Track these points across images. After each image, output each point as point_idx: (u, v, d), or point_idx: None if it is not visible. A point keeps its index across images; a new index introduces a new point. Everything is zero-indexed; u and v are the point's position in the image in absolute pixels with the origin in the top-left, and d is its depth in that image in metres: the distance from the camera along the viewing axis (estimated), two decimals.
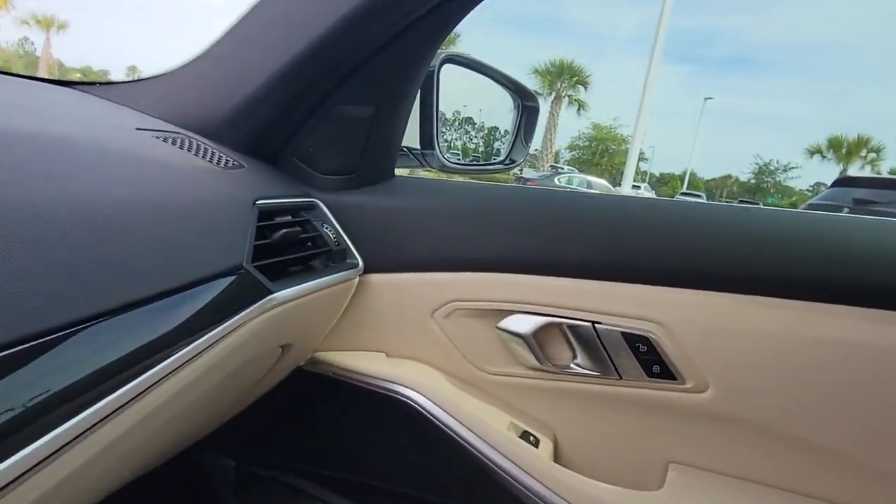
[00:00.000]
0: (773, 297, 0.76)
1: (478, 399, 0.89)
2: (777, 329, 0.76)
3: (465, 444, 0.82)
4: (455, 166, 1.08)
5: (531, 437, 0.86)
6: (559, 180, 18.66)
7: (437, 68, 0.93)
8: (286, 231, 0.69)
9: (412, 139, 0.97)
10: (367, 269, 0.85)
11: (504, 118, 1.24)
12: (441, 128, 1.17)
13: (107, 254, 0.42)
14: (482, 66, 1.08)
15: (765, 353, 0.76)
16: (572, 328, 0.83)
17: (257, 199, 0.68)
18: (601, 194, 0.98)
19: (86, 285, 0.39)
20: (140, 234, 0.47)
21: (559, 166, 29.99)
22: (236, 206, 0.64)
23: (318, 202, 0.82)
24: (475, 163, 1.33)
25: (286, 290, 0.65)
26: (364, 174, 0.88)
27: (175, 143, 0.67)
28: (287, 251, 0.70)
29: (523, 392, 0.90)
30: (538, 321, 0.84)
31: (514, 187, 0.99)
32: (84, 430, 0.36)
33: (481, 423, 0.84)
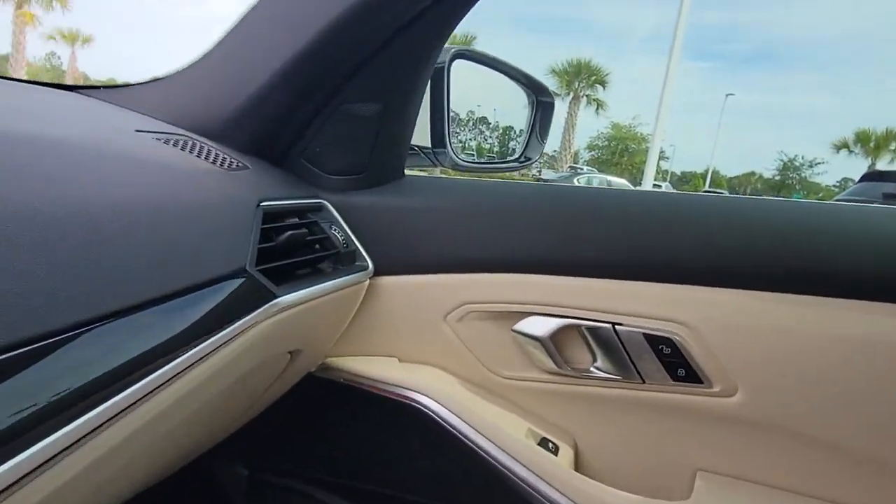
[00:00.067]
0: (803, 294, 0.73)
1: (493, 405, 0.86)
2: (808, 328, 0.72)
3: (481, 452, 0.79)
4: (468, 165, 1.05)
5: (550, 444, 0.83)
6: (578, 181, 18.63)
7: (448, 64, 0.90)
8: (292, 233, 0.67)
9: (423, 138, 0.94)
10: (378, 272, 0.83)
11: (519, 117, 1.21)
12: (455, 128, 1.14)
13: (105, 256, 0.41)
14: (494, 62, 1.05)
15: (796, 354, 0.73)
16: (592, 330, 0.80)
17: (261, 201, 0.66)
18: (619, 189, 0.95)
19: (85, 288, 0.38)
20: (139, 237, 0.46)
21: (578, 167, 29.83)
22: (239, 207, 0.62)
23: (326, 203, 0.80)
24: (489, 161, 1.30)
25: (292, 295, 0.63)
26: (373, 174, 0.85)
27: (177, 145, 0.65)
28: (293, 254, 0.68)
29: (541, 397, 0.87)
30: (555, 323, 0.81)
31: (529, 184, 0.96)
32: (86, 433, 0.36)
33: (497, 429, 0.81)
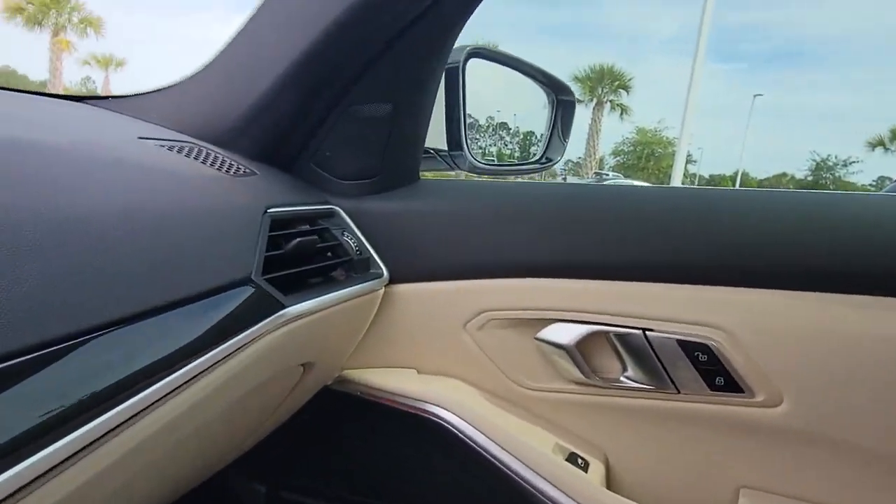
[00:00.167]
0: (853, 294, 0.67)
1: (518, 418, 0.82)
2: (857, 330, 0.68)
3: (505, 469, 0.75)
4: (486, 167, 1.01)
5: (579, 460, 0.78)
6: None
7: (462, 64, 0.88)
8: (300, 240, 0.65)
9: (439, 141, 0.91)
10: (393, 279, 0.80)
11: (540, 121, 1.17)
12: (474, 134, 1.10)
13: (105, 264, 0.40)
14: (512, 60, 1.02)
15: (845, 359, 0.68)
16: (620, 337, 0.75)
17: (269, 207, 0.63)
18: (647, 186, 0.90)
19: (86, 296, 0.38)
20: (139, 244, 0.44)
21: (603, 172, 29.61)
22: (245, 214, 0.60)
23: (338, 209, 0.78)
24: (509, 163, 1.26)
25: (301, 305, 0.60)
26: (386, 178, 0.82)
27: (181, 152, 0.63)
28: (304, 262, 0.66)
29: (568, 409, 0.82)
30: (581, 330, 0.76)
31: (550, 184, 0.92)
32: (87, 443, 0.35)
33: (522, 444, 0.77)
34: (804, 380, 0.69)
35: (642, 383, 0.76)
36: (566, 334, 0.77)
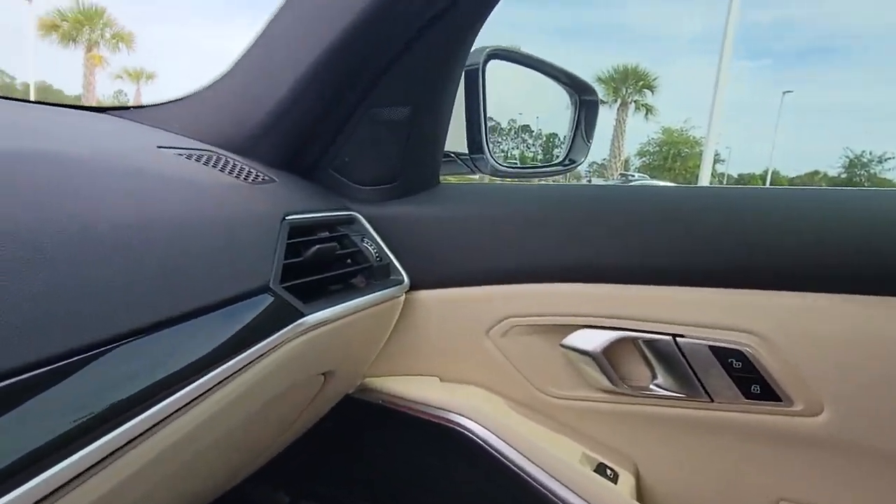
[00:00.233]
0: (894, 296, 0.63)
1: (544, 427, 0.79)
2: None
3: (531, 480, 0.73)
4: (508, 170, 0.99)
5: (608, 471, 0.76)
6: None
7: (482, 65, 0.86)
8: (319, 247, 0.64)
9: (460, 144, 0.89)
10: (414, 286, 0.78)
11: (564, 123, 1.15)
12: (497, 137, 1.09)
13: (121, 275, 0.40)
14: (533, 61, 1.00)
15: (891, 367, 0.64)
16: (649, 343, 0.73)
17: (287, 214, 0.63)
18: (675, 186, 0.87)
19: (102, 306, 0.37)
20: (157, 253, 0.44)
21: (629, 173, 29.27)
22: (263, 221, 0.59)
23: (357, 215, 0.77)
24: (531, 165, 1.24)
25: (321, 313, 0.59)
26: (406, 183, 0.81)
27: (200, 160, 0.63)
28: (323, 269, 0.65)
29: (596, 418, 0.79)
30: (608, 336, 0.74)
31: (574, 186, 0.89)
32: (107, 454, 0.35)
33: (549, 455, 0.74)
34: (846, 387, 0.66)
35: (673, 391, 0.73)
36: (592, 341, 0.75)
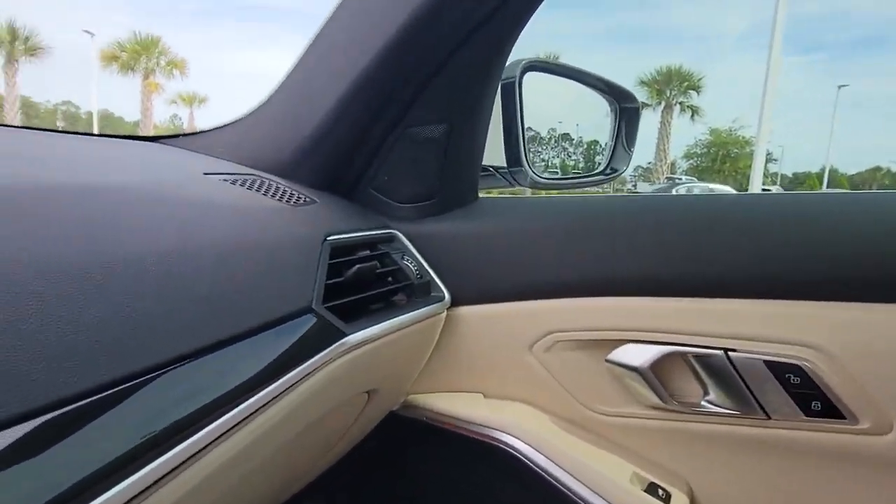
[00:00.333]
0: None
1: (591, 444, 0.77)
2: None
3: (579, 500, 0.71)
4: (548, 182, 0.98)
5: (660, 491, 0.73)
6: (677, 191, 17.74)
7: (519, 78, 0.85)
8: (360, 267, 0.64)
9: (498, 157, 0.89)
10: (455, 302, 0.78)
11: (605, 130, 1.13)
12: (536, 147, 1.08)
13: (168, 302, 0.41)
14: (570, 71, 0.99)
15: None
16: (699, 358, 0.70)
17: (328, 235, 0.64)
18: (724, 194, 0.84)
19: (149, 334, 0.38)
20: (203, 280, 0.45)
21: (676, 177, 28.45)
22: (305, 243, 0.60)
23: (397, 233, 0.77)
24: (572, 176, 1.22)
25: (363, 332, 0.59)
26: (444, 199, 0.81)
27: (244, 185, 0.65)
28: (364, 288, 0.65)
29: (646, 436, 0.77)
30: (656, 351, 0.71)
31: (617, 197, 0.87)
32: (157, 479, 0.35)
33: (597, 473, 0.72)
34: None
35: (727, 408, 0.70)
36: (639, 356, 0.72)
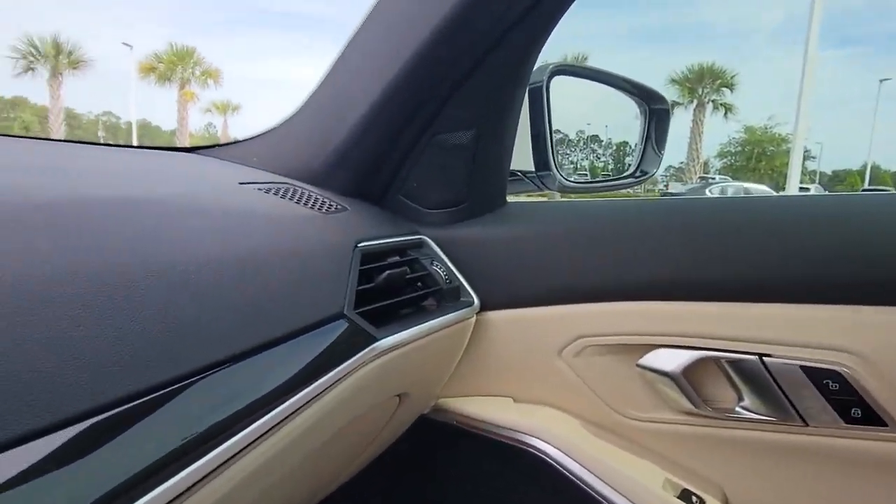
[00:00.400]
0: None
1: (622, 450, 0.77)
2: None
3: None
4: (577, 186, 0.98)
5: (694, 498, 0.72)
6: (711, 191, 17.38)
7: (546, 82, 0.85)
8: (390, 273, 0.65)
9: (527, 162, 0.89)
10: (485, 307, 0.78)
11: (635, 131, 1.12)
12: (565, 149, 1.07)
13: (205, 309, 0.42)
14: (598, 74, 0.98)
15: None
16: (733, 363, 0.69)
17: (359, 242, 0.65)
18: (757, 196, 0.82)
19: (185, 342, 0.39)
20: (239, 287, 0.46)
21: (709, 176, 27.83)
22: (336, 250, 0.62)
23: (426, 239, 0.78)
24: (601, 179, 1.21)
25: (393, 337, 0.60)
26: (473, 204, 0.82)
27: (277, 193, 0.67)
28: (394, 293, 0.66)
29: (679, 441, 0.76)
30: (688, 356, 0.71)
31: (648, 200, 0.86)
32: (192, 484, 0.36)
33: (629, 479, 0.72)
34: None
35: (762, 414, 0.69)
36: (671, 361, 0.71)
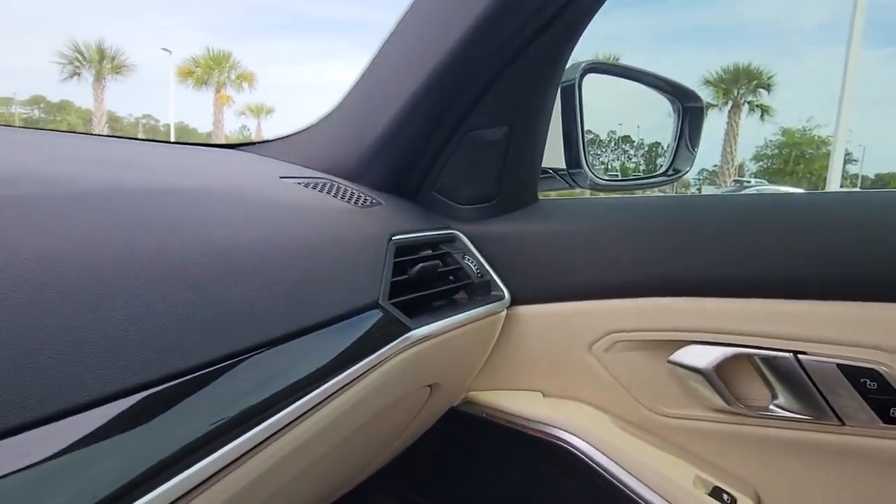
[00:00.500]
0: None
1: (652, 446, 0.76)
2: None
3: (640, 501, 0.70)
4: (609, 184, 0.98)
5: (725, 496, 0.71)
6: None
7: (578, 80, 0.86)
8: (423, 265, 0.67)
9: (558, 160, 0.90)
10: (515, 301, 0.79)
11: (666, 131, 1.11)
12: (595, 150, 1.08)
13: (248, 293, 0.43)
14: (631, 71, 0.98)
15: None
16: (767, 360, 0.68)
17: (393, 235, 0.66)
18: (791, 193, 0.81)
19: (233, 322, 0.40)
20: (280, 274, 0.48)
21: (744, 179, 27.19)
22: (371, 242, 0.64)
23: (458, 233, 0.79)
24: (632, 177, 1.20)
25: (426, 328, 0.62)
26: (505, 200, 0.83)
27: (316, 188, 0.69)
28: (427, 286, 0.68)
29: (710, 438, 0.75)
30: (720, 353, 0.70)
31: (680, 196, 0.86)
32: (228, 463, 0.36)
33: (660, 475, 0.72)
34: None
35: (797, 413, 0.68)
36: (703, 357, 0.71)
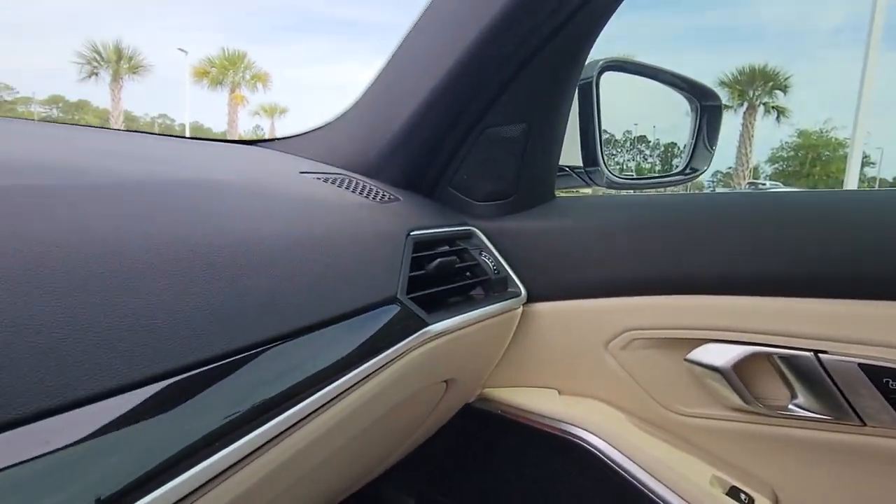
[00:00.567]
0: None
1: (669, 445, 0.76)
2: None
3: (657, 500, 0.70)
4: (625, 182, 0.98)
5: (742, 496, 0.71)
6: None
7: (596, 78, 0.86)
8: (441, 261, 0.67)
9: (574, 158, 0.90)
10: (532, 298, 0.79)
11: (683, 132, 1.11)
12: (611, 150, 1.08)
13: (268, 284, 0.44)
14: (649, 70, 0.98)
15: None
16: (786, 359, 0.68)
17: (411, 230, 0.67)
18: (812, 190, 0.80)
19: (254, 313, 0.41)
20: (299, 267, 0.48)
21: (759, 182, 26.92)
22: (390, 237, 0.64)
23: (475, 230, 0.80)
24: (649, 176, 1.20)
25: (443, 323, 0.62)
26: (521, 197, 0.83)
27: (335, 183, 0.70)
28: (444, 281, 0.68)
29: (728, 438, 0.75)
30: (739, 351, 0.70)
31: (698, 194, 0.86)
32: (246, 454, 0.36)
33: (676, 473, 0.71)
34: None
35: (817, 413, 0.67)
36: (721, 356, 0.71)
